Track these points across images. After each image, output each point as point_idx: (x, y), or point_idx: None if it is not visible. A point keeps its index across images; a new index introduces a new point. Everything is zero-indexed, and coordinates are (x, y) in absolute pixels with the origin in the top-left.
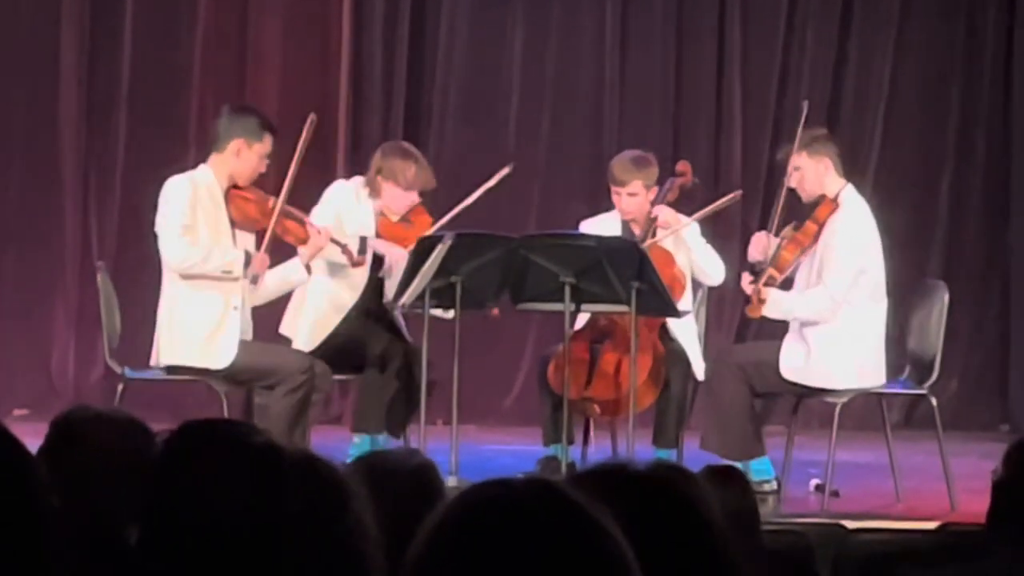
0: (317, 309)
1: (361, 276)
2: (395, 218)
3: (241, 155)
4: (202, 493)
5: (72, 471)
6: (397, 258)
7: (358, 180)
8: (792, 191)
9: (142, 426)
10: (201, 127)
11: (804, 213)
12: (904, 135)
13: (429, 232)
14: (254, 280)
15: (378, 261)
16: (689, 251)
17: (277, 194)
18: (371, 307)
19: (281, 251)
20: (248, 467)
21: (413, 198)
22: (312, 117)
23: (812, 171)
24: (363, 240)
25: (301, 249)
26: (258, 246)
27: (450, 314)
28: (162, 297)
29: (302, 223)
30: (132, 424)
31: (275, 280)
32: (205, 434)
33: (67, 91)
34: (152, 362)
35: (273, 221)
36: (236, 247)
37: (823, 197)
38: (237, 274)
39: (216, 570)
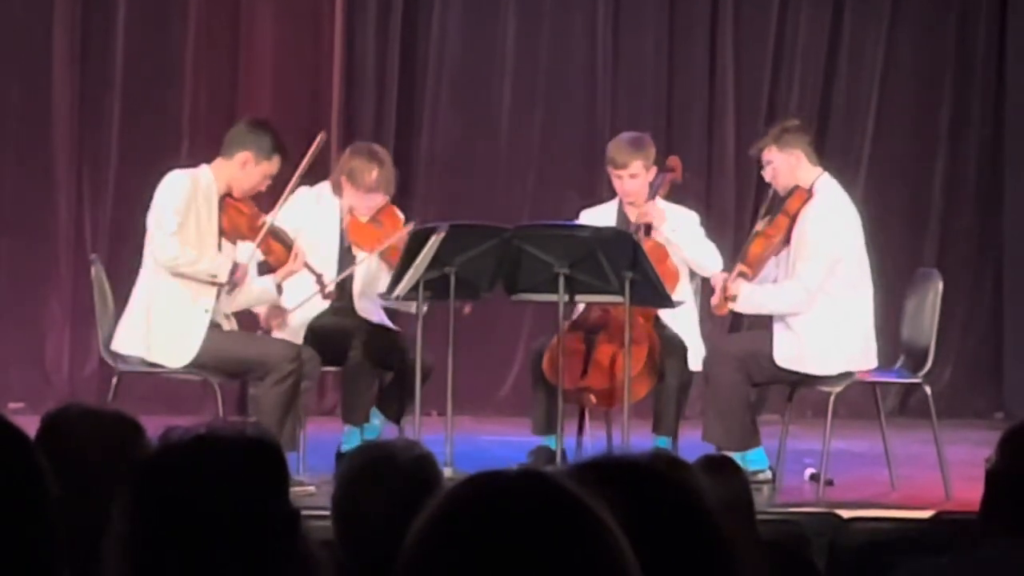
0: (296, 318)
1: (332, 270)
2: (364, 218)
3: (246, 168)
4: (191, 491)
5: (62, 467)
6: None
7: (322, 185)
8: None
9: (132, 422)
10: (194, 120)
11: (780, 202)
12: (897, 123)
13: (400, 227)
14: (232, 288)
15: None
16: (679, 249)
17: (271, 206)
18: (340, 305)
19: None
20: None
21: (375, 200)
22: (322, 135)
23: (783, 164)
24: (342, 235)
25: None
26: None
27: (412, 307)
28: (137, 287)
29: (288, 247)
30: (122, 420)
31: (250, 292)
32: (198, 434)
33: (60, 84)
34: (111, 345)
35: (259, 239)
36: (220, 253)
37: (796, 188)
38: (222, 279)
39: (202, 567)
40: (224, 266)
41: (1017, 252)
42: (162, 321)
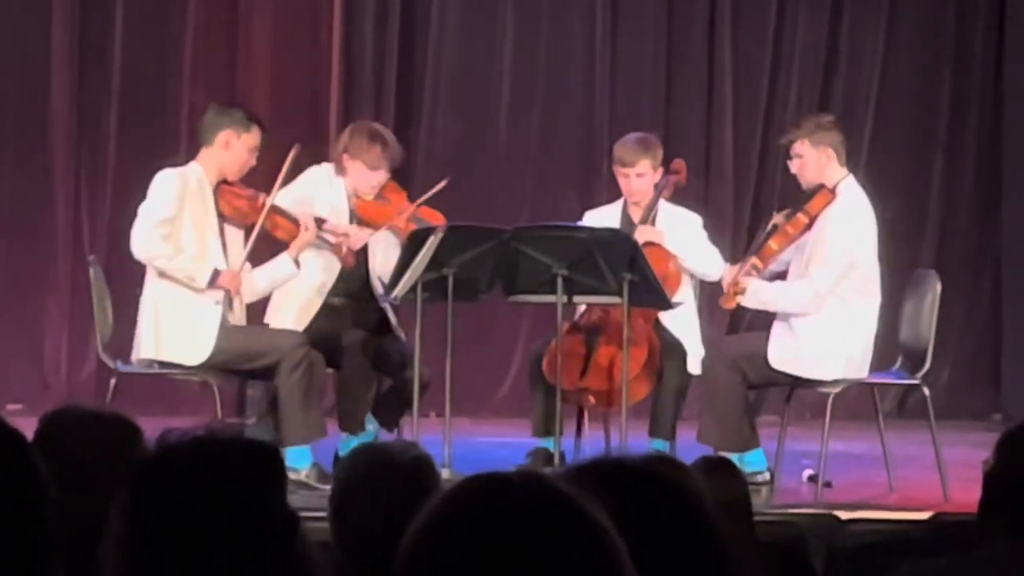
0: (298, 295)
1: (334, 258)
2: (370, 197)
3: (231, 146)
4: (189, 492)
5: (59, 469)
6: (357, 242)
7: (329, 164)
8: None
9: (130, 424)
10: (192, 122)
11: (802, 199)
12: (896, 124)
13: (407, 207)
14: (228, 298)
15: (360, 252)
16: (681, 261)
17: (267, 192)
18: (356, 295)
19: (268, 248)
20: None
21: (380, 177)
22: (296, 147)
23: (813, 160)
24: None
25: (290, 245)
26: (247, 241)
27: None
28: (145, 290)
29: (293, 219)
30: (120, 422)
31: (265, 277)
32: (196, 436)
33: (58, 85)
34: (132, 357)
35: (263, 216)
36: (226, 242)
37: (821, 187)
38: (199, 284)
39: (200, 569)
40: (203, 271)
41: (1015, 253)
42: (174, 320)
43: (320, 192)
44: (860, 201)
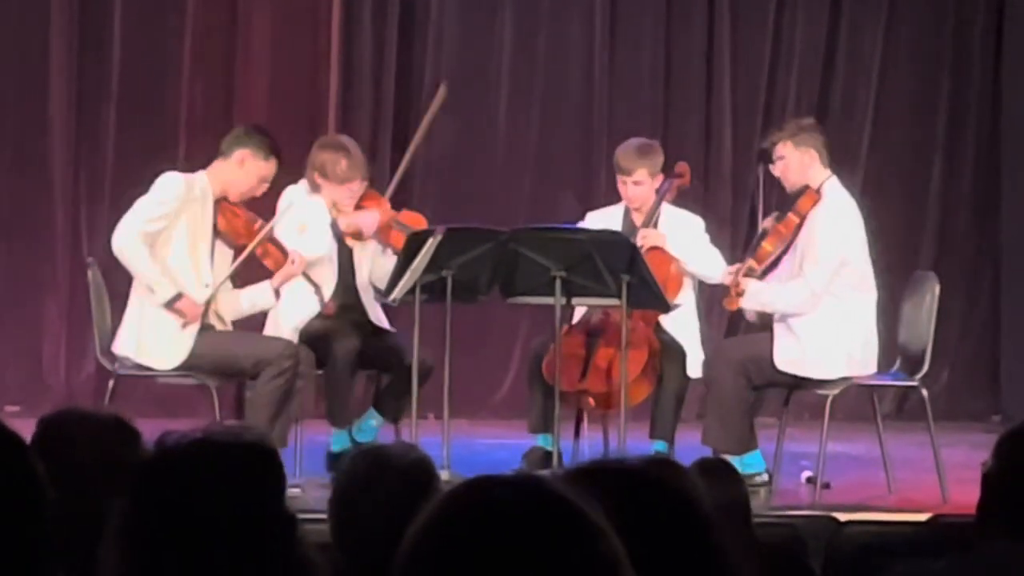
0: (290, 322)
1: (330, 283)
2: (349, 210)
3: (244, 165)
4: (188, 494)
5: (58, 470)
6: (369, 224)
7: (304, 181)
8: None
9: (129, 426)
10: (191, 123)
11: (788, 203)
12: (894, 125)
13: (385, 206)
14: (185, 322)
15: (346, 264)
16: (683, 265)
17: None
18: (345, 303)
19: (249, 272)
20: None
21: (353, 189)
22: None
23: (796, 161)
24: (334, 224)
25: (274, 274)
26: (234, 260)
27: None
28: (134, 289)
29: (284, 252)
30: (119, 424)
31: (248, 300)
32: (195, 438)
33: (57, 87)
34: (111, 346)
35: (256, 241)
36: (215, 257)
37: (806, 188)
38: (159, 299)
39: (199, 571)
40: (166, 288)
41: (1014, 254)
42: (154, 323)
43: (300, 210)
44: (845, 200)
